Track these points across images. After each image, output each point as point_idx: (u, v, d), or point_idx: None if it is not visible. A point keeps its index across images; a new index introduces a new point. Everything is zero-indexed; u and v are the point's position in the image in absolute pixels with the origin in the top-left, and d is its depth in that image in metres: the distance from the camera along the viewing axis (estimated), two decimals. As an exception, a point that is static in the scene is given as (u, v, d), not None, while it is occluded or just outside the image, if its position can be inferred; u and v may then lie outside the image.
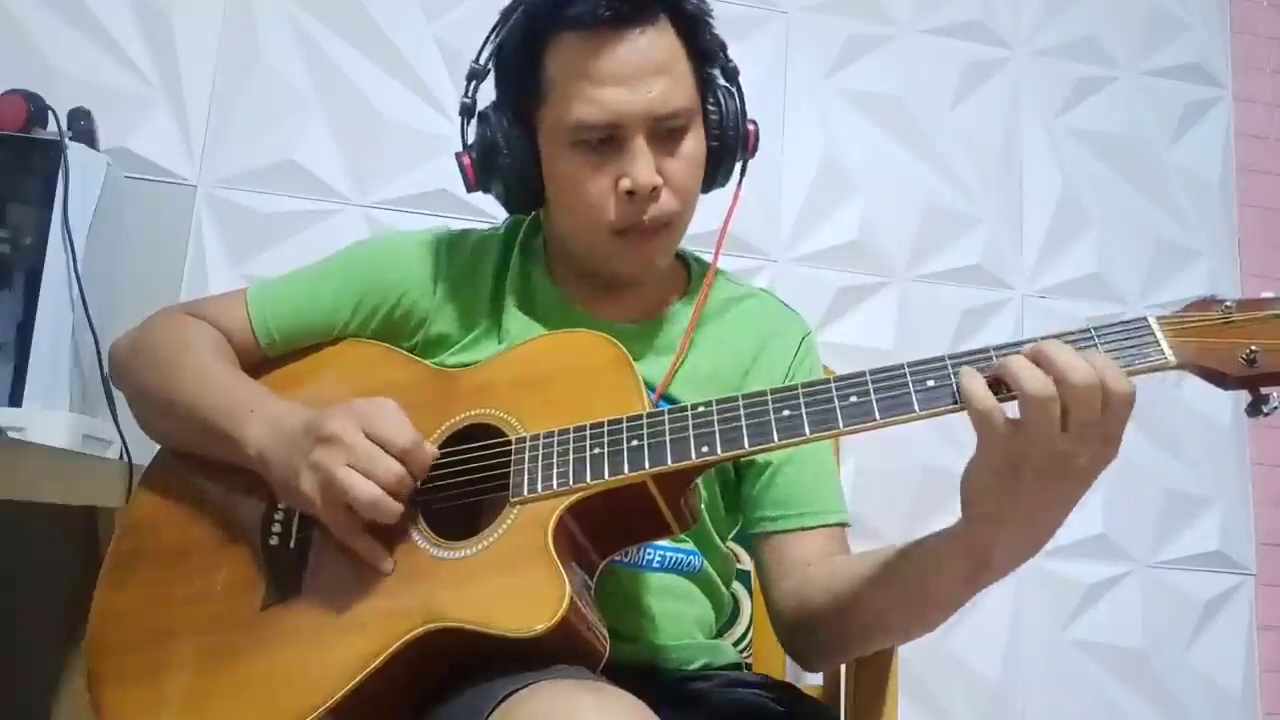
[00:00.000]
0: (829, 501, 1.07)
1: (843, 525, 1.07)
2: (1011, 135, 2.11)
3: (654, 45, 0.98)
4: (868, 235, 2.00)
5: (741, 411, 0.85)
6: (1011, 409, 0.76)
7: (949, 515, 0.84)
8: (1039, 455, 0.75)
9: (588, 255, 1.07)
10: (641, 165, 0.98)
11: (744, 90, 1.08)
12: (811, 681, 1.48)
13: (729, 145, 1.06)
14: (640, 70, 0.97)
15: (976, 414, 0.76)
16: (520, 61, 1.02)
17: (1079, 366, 0.74)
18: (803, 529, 1.05)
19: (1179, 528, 2.05)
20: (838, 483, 1.11)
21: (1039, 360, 0.75)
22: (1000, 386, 0.77)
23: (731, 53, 1.07)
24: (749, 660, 1.49)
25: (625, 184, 0.98)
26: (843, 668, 1.34)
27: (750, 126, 1.08)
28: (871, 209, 2.01)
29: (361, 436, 0.87)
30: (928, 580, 0.88)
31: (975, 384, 0.77)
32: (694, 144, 1.02)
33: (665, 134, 1.00)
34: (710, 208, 1.11)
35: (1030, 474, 0.76)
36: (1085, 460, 0.76)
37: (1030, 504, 0.79)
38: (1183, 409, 2.07)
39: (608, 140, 0.98)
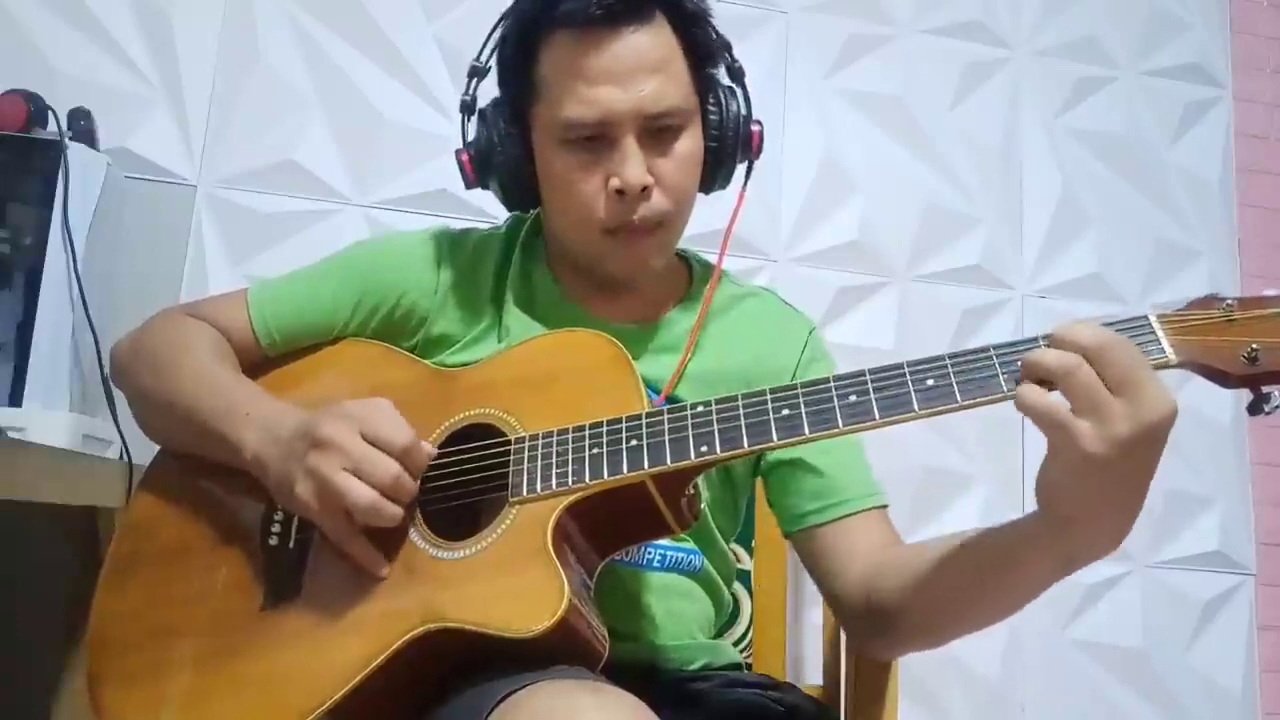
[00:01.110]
0: (864, 486, 1.07)
1: (884, 507, 1.06)
2: (1011, 135, 2.11)
3: (648, 43, 0.98)
4: (868, 235, 2.00)
5: (740, 411, 0.85)
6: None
7: (949, 515, 0.84)
8: (1098, 418, 0.73)
9: (582, 254, 1.07)
10: (631, 164, 0.97)
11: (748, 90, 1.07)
12: (811, 681, 1.48)
13: (729, 146, 1.06)
14: (633, 68, 0.97)
15: (1042, 416, 0.74)
16: (515, 60, 1.02)
17: (1082, 329, 0.74)
18: (846, 516, 1.04)
19: (1179, 528, 2.04)
20: (868, 467, 1.10)
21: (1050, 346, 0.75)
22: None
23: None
24: (749, 660, 1.49)
25: (615, 183, 0.98)
26: (843, 668, 1.34)
27: (755, 127, 1.07)
28: (871, 209, 2.01)
29: (358, 439, 0.86)
30: (1009, 572, 0.85)
31: (1029, 390, 0.74)
32: (689, 144, 1.02)
33: (658, 133, 0.99)
34: (712, 208, 1.10)
35: (1106, 450, 0.73)
36: (1147, 415, 0.74)
37: (1111, 488, 0.76)
38: (1182, 408, 2.04)
39: (599, 139, 0.98)
